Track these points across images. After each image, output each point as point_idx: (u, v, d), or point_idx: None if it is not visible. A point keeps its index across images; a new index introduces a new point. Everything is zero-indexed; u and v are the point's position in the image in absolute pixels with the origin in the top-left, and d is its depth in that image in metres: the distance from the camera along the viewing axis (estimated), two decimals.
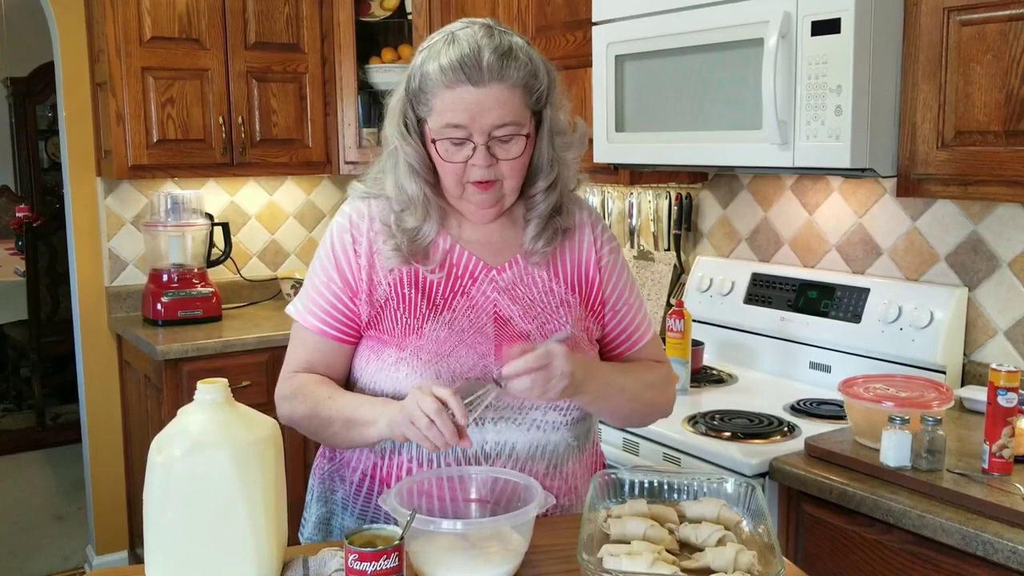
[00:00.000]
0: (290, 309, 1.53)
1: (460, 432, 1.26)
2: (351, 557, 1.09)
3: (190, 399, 1.20)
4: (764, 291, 2.51)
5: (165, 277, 3.35)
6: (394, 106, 1.44)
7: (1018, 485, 1.58)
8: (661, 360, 1.61)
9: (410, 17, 3.42)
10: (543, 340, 1.40)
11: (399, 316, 1.43)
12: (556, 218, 1.48)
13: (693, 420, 2.08)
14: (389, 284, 1.45)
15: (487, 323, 1.43)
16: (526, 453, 1.43)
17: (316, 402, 1.42)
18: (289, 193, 3.83)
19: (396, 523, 1.18)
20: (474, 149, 1.37)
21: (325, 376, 1.48)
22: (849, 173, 1.95)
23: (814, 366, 2.37)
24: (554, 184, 1.46)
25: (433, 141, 1.40)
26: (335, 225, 1.50)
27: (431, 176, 1.44)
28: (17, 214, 6.16)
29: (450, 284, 1.45)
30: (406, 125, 1.43)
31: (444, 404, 1.25)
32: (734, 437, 1.97)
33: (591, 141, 2.48)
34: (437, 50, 1.37)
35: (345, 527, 1.50)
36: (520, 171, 1.42)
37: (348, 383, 1.52)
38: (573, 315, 1.48)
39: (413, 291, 1.44)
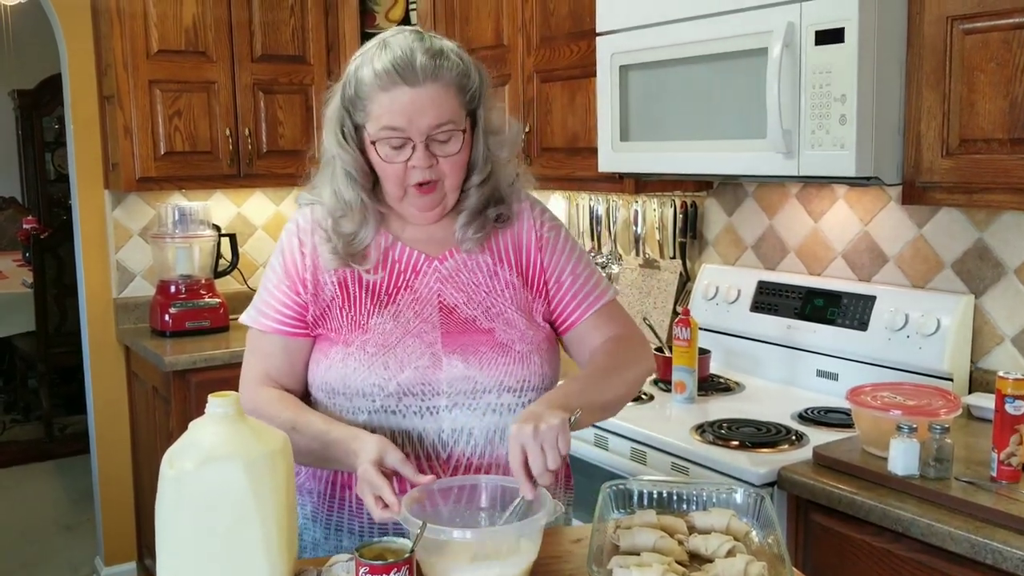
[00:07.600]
0: (244, 318, 1.54)
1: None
2: (361, 570, 1.10)
3: (198, 410, 1.21)
4: (770, 299, 2.52)
5: (173, 288, 3.37)
6: (331, 115, 1.47)
7: None
8: (621, 326, 1.56)
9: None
10: (489, 327, 1.44)
11: (344, 314, 1.46)
12: (488, 209, 1.50)
13: (700, 429, 2.08)
14: (334, 284, 1.48)
15: (432, 312, 1.46)
16: (484, 439, 1.43)
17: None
18: (295, 204, 3.83)
19: (405, 535, 1.19)
20: (413, 148, 1.39)
21: (284, 385, 1.49)
22: (854, 181, 1.95)
23: (821, 374, 2.37)
24: (486, 180, 1.49)
25: (373, 143, 1.42)
26: (285, 231, 1.54)
27: (368, 182, 1.48)
28: (24, 226, 6.20)
29: (393, 279, 1.48)
30: (343, 133, 1.45)
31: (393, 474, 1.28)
32: (742, 446, 1.97)
33: (596, 151, 2.50)
34: (371, 56, 1.40)
35: (315, 539, 1.50)
36: (459, 169, 1.45)
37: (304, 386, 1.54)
38: (517, 297, 1.49)
39: (358, 288, 1.47)
